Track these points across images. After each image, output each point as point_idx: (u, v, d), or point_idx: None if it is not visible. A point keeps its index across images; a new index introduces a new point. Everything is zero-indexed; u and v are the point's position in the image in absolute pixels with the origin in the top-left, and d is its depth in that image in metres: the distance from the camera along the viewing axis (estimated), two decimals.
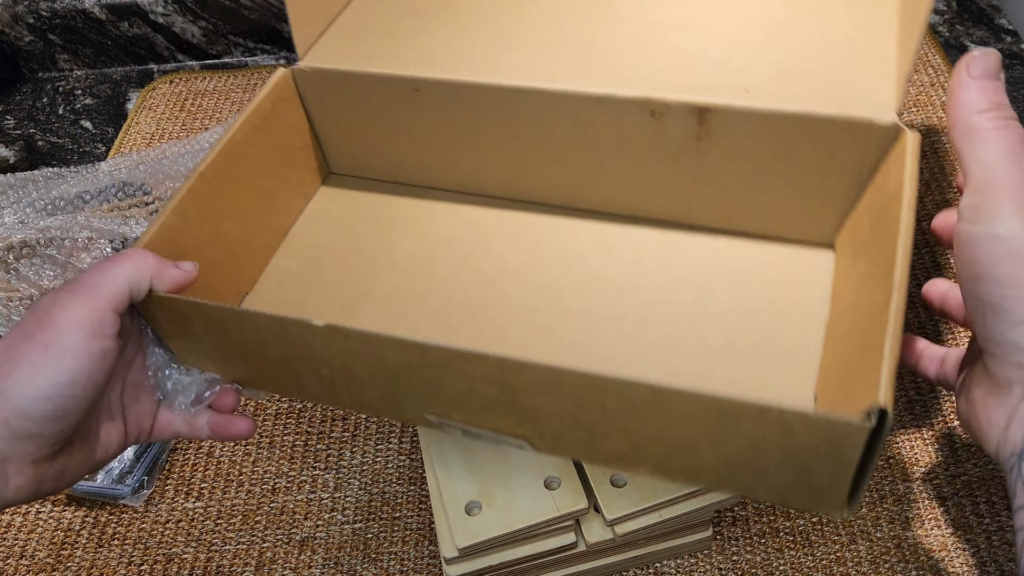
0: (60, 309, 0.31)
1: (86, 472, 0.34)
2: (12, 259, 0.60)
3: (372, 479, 0.50)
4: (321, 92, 0.47)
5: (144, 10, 0.82)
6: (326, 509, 0.48)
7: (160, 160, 0.70)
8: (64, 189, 0.67)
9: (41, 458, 0.31)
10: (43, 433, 0.30)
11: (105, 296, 0.31)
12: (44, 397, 0.30)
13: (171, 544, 0.47)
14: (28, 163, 0.76)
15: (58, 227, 0.61)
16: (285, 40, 0.87)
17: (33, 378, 0.29)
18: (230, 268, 0.43)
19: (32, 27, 0.83)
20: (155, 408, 0.37)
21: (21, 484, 0.30)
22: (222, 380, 0.38)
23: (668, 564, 0.45)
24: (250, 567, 0.46)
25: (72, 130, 0.80)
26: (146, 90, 0.83)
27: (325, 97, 0.47)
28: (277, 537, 0.47)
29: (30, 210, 0.66)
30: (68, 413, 0.31)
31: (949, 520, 0.45)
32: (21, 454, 0.30)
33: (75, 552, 0.47)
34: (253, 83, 0.83)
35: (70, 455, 0.33)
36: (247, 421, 0.38)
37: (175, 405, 0.37)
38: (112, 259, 0.33)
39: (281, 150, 0.47)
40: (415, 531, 0.47)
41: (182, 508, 0.49)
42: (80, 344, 0.30)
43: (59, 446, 0.31)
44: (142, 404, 0.36)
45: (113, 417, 0.35)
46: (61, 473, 0.32)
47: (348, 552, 0.46)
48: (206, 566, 0.46)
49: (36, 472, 0.31)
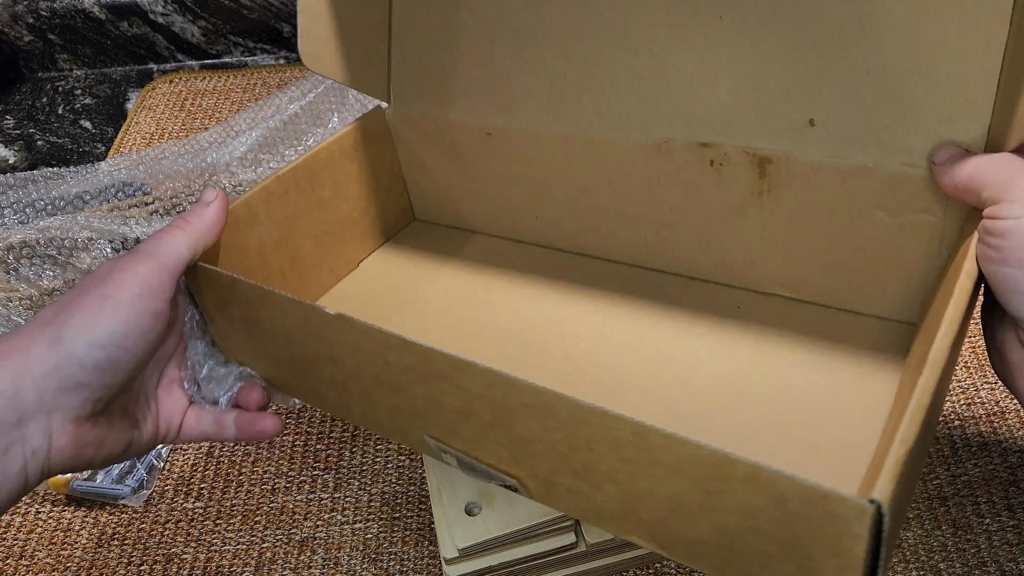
0: (120, 270, 0.32)
1: (120, 453, 0.34)
2: (12, 259, 0.60)
3: (372, 479, 0.50)
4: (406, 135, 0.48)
5: (144, 10, 0.82)
6: (326, 509, 0.48)
7: (160, 160, 0.70)
8: (64, 189, 0.67)
9: (83, 416, 0.31)
10: (91, 384, 0.31)
11: (162, 261, 0.33)
12: (98, 344, 0.31)
13: (171, 544, 0.47)
14: (28, 163, 0.76)
15: (58, 227, 0.61)
16: (285, 40, 0.87)
17: (89, 326, 0.31)
18: (293, 279, 0.44)
19: (32, 27, 0.83)
20: (186, 406, 0.38)
21: (63, 444, 0.31)
22: (255, 376, 0.39)
23: (668, 564, 0.45)
24: (250, 567, 0.46)
25: (72, 130, 0.80)
26: (146, 90, 0.83)
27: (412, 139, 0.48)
28: (277, 537, 0.47)
29: (30, 210, 0.66)
30: (117, 366, 0.31)
31: (949, 520, 0.45)
32: (66, 406, 0.31)
33: (75, 552, 0.47)
34: (253, 83, 0.83)
35: (110, 424, 0.33)
36: (274, 419, 0.39)
37: (208, 392, 0.38)
38: (170, 226, 0.35)
39: (368, 182, 0.47)
40: (415, 531, 0.47)
41: (182, 508, 0.49)
42: (136, 301, 0.32)
43: (101, 405, 0.32)
44: (174, 399, 0.37)
45: (148, 405, 0.36)
46: (100, 442, 0.33)
47: (348, 552, 0.46)
48: (206, 566, 0.46)
49: (77, 433, 0.31)
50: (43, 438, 0.30)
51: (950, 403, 0.49)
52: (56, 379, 0.30)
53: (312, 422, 0.53)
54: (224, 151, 0.70)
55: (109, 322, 0.31)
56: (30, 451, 0.30)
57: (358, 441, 0.51)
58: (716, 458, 0.24)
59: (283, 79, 0.84)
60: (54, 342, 0.30)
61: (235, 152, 0.69)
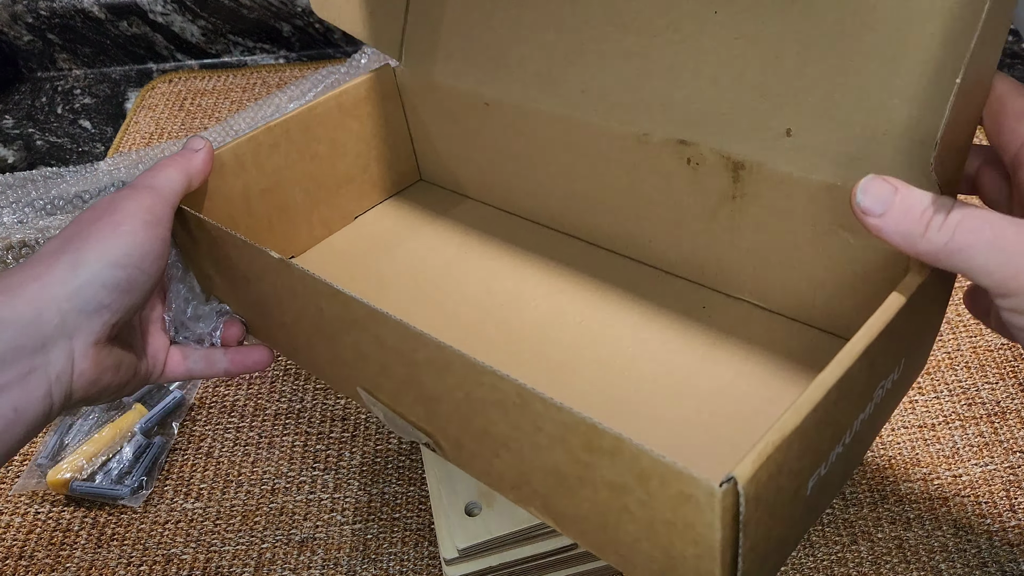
0: (123, 199, 0.33)
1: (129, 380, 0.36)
2: (11, 259, 0.60)
3: (372, 479, 0.49)
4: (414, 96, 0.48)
5: (143, 9, 0.82)
6: (325, 510, 0.48)
7: (159, 160, 0.70)
8: (63, 189, 0.67)
9: (103, 339, 0.32)
10: (111, 305, 0.32)
11: (162, 193, 0.35)
12: (120, 265, 0.32)
13: (170, 545, 0.47)
14: (27, 163, 0.76)
15: (57, 227, 0.61)
16: (284, 39, 0.86)
17: (108, 249, 0.32)
18: (280, 228, 0.45)
19: (31, 26, 0.83)
20: (167, 345, 0.39)
21: (84, 368, 0.32)
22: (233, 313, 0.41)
23: None
24: (249, 568, 0.46)
25: (71, 130, 0.80)
26: (145, 89, 0.83)
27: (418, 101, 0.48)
28: (276, 538, 0.47)
29: (29, 210, 0.66)
30: (135, 288, 0.33)
31: (950, 520, 0.44)
32: (87, 329, 0.31)
33: (74, 553, 0.47)
34: (252, 82, 0.83)
35: (124, 349, 0.35)
36: (264, 350, 0.41)
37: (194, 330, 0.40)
38: (163, 163, 0.36)
39: (371, 140, 0.48)
40: (415, 532, 0.47)
41: (181, 508, 0.49)
42: (147, 226, 0.33)
43: (116, 330, 0.33)
44: (156, 338, 0.39)
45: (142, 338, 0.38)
46: (117, 366, 0.34)
47: (348, 553, 0.46)
48: (205, 567, 0.46)
49: (97, 357, 0.32)
50: (66, 362, 0.31)
51: (950, 403, 0.49)
52: (79, 301, 0.31)
53: (312, 422, 0.53)
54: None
55: (125, 244, 0.32)
56: (54, 375, 0.30)
57: (358, 441, 0.51)
58: (585, 427, 0.24)
59: (282, 79, 0.83)
60: (74, 266, 0.31)
61: None
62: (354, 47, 0.87)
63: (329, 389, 0.54)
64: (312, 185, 0.46)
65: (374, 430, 0.52)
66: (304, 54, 0.88)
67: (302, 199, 0.45)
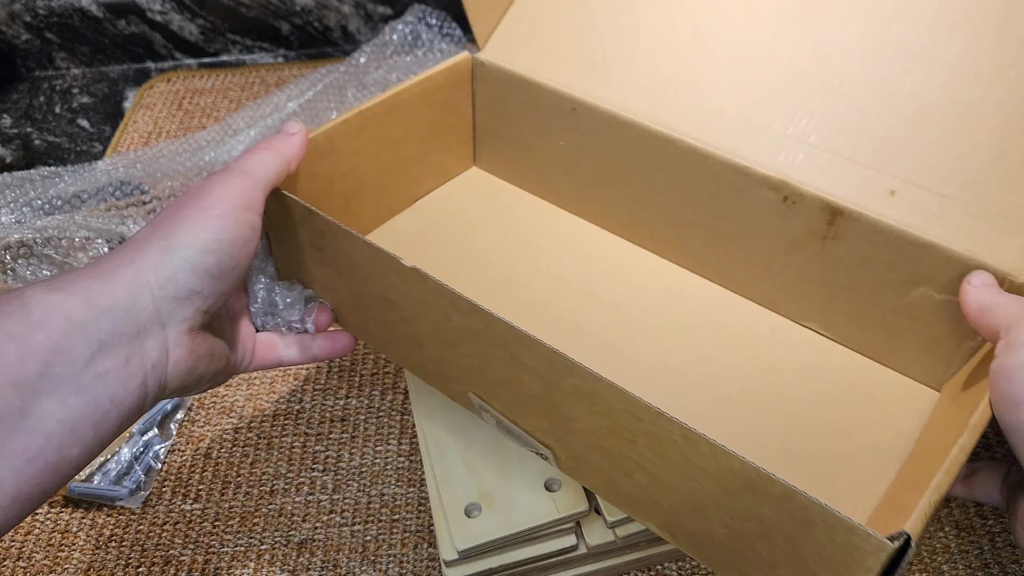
0: (214, 184, 0.33)
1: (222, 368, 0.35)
2: (9, 259, 0.60)
3: (371, 481, 0.49)
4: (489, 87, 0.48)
5: (142, 8, 0.82)
6: (324, 511, 0.48)
7: (157, 159, 0.70)
8: (61, 188, 0.67)
9: (195, 327, 0.32)
10: (203, 291, 0.31)
11: (256, 177, 0.34)
12: (209, 250, 0.31)
13: (168, 546, 0.47)
14: (25, 162, 0.76)
15: (55, 227, 0.61)
16: (283, 38, 0.86)
17: (197, 233, 0.31)
18: (353, 209, 0.46)
19: (29, 25, 0.83)
20: (254, 333, 0.39)
21: (180, 356, 0.31)
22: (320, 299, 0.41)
23: (670, 566, 0.44)
24: (248, 569, 0.46)
25: (69, 129, 0.80)
26: (143, 88, 0.83)
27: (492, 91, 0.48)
28: (275, 539, 0.47)
29: (27, 209, 0.65)
30: (225, 273, 0.32)
31: (952, 522, 0.44)
32: (180, 316, 0.31)
33: (72, 554, 0.47)
34: (251, 81, 0.83)
35: (217, 336, 0.34)
36: (347, 336, 0.41)
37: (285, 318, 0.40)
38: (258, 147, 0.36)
39: (436, 126, 0.48)
40: (414, 533, 0.47)
41: (180, 510, 0.49)
42: (237, 211, 0.32)
43: (208, 317, 0.33)
44: (244, 328, 0.39)
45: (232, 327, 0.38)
46: (211, 353, 0.34)
47: (347, 554, 0.46)
48: (204, 568, 0.46)
49: (192, 344, 0.32)
50: (161, 351, 0.30)
51: None
52: (172, 288, 0.30)
53: (311, 423, 0.52)
54: (222, 150, 0.69)
55: (215, 230, 0.32)
56: (150, 365, 0.30)
57: (357, 443, 0.51)
58: (757, 475, 0.26)
59: (281, 77, 0.83)
60: (165, 251, 0.30)
61: (233, 151, 0.69)
62: (353, 46, 0.86)
63: (328, 390, 0.54)
64: (383, 168, 0.47)
65: (373, 431, 0.52)
66: (303, 53, 0.87)
67: (372, 181, 0.46)
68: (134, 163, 0.70)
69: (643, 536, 0.40)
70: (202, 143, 0.72)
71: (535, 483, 0.39)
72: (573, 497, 0.38)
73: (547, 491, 0.39)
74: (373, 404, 0.53)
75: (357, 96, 0.73)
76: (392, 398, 0.53)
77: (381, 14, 0.84)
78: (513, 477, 0.40)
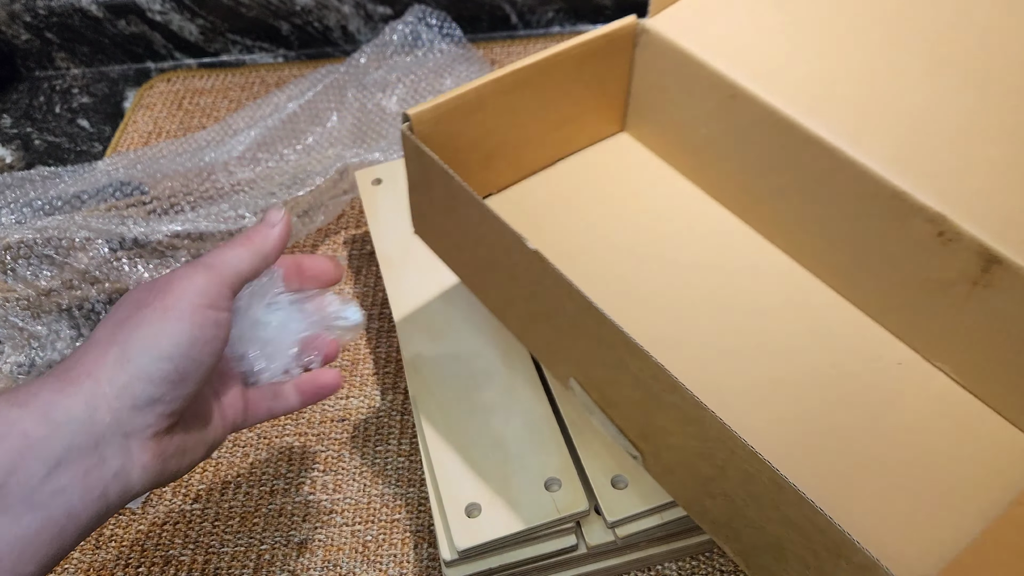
0: (177, 280, 0.32)
1: (202, 451, 0.34)
2: (9, 259, 0.60)
3: (371, 481, 0.49)
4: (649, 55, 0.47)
5: (141, 8, 0.82)
6: (324, 511, 0.48)
7: (157, 159, 0.70)
8: (61, 189, 0.67)
9: (160, 431, 0.31)
10: (163, 398, 0.30)
11: (222, 273, 0.33)
12: (166, 357, 0.30)
13: (168, 546, 0.47)
14: (25, 162, 0.76)
15: (55, 227, 0.61)
16: (283, 38, 0.86)
17: (155, 338, 0.30)
18: (493, 165, 0.46)
19: (29, 25, 0.83)
20: (243, 389, 0.37)
21: (147, 461, 0.30)
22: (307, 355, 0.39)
23: (670, 567, 0.44)
24: (248, 569, 0.46)
25: (69, 129, 0.80)
26: (143, 88, 0.83)
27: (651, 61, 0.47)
28: (275, 539, 0.47)
29: (27, 210, 0.65)
30: (187, 377, 0.31)
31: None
32: (142, 426, 0.30)
33: (72, 554, 0.47)
34: (251, 81, 0.83)
35: (187, 432, 0.33)
36: (333, 372, 0.39)
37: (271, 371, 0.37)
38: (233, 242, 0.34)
39: (591, 89, 0.47)
40: (414, 533, 0.47)
41: (180, 510, 0.49)
42: (198, 310, 0.31)
43: (175, 418, 0.32)
44: (231, 386, 0.37)
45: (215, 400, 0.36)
46: (182, 449, 0.33)
47: (347, 554, 0.46)
48: (204, 568, 0.46)
49: (159, 448, 0.31)
50: (123, 460, 0.30)
51: None
52: (128, 398, 0.30)
53: (311, 423, 0.52)
54: (222, 150, 0.69)
55: (173, 332, 0.30)
56: (110, 474, 0.29)
57: (357, 443, 0.51)
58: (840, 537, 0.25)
59: (281, 77, 0.83)
60: (120, 361, 0.30)
61: (233, 151, 0.69)
62: (353, 46, 0.86)
63: None
64: (530, 127, 0.46)
65: (373, 432, 0.52)
66: (303, 53, 0.87)
67: (517, 139, 0.46)
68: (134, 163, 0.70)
69: (643, 536, 0.40)
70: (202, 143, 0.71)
71: (535, 483, 0.39)
72: (573, 497, 0.38)
73: (547, 491, 0.39)
74: (373, 404, 0.53)
75: (357, 96, 0.72)
76: (392, 398, 0.53)
77: (381, 14, 0.84)
78: (513, 477, 0.40)
